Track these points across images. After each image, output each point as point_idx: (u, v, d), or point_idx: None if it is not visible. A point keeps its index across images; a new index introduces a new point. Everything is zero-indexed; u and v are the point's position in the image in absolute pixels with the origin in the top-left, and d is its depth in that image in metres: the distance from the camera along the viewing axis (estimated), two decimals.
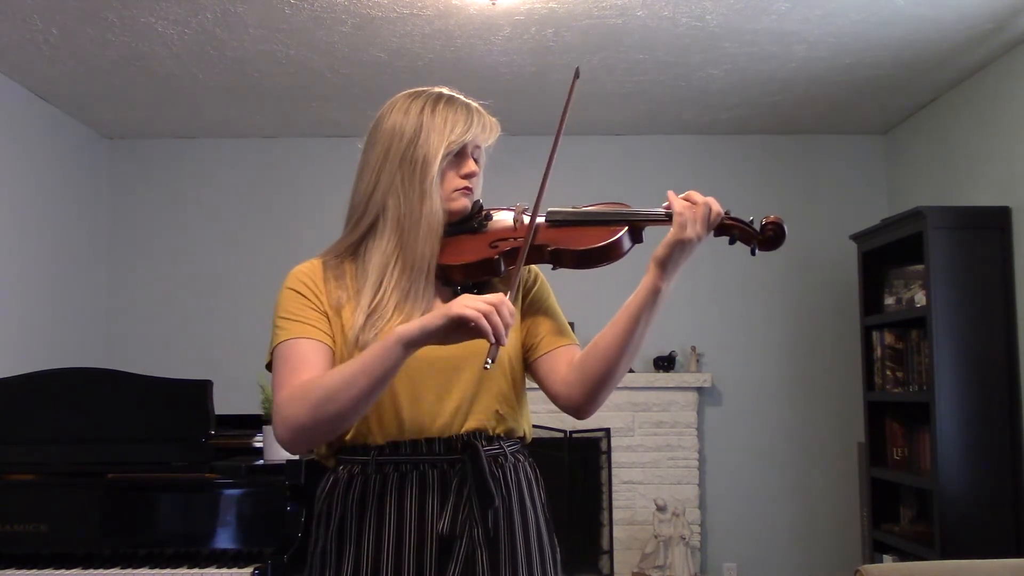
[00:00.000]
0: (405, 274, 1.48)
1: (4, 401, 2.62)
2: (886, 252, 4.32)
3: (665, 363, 4.93)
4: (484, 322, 1.29)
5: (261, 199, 5.13)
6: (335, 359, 1.46)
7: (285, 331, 1.47)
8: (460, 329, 1.32)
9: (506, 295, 1.35)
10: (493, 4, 3.41)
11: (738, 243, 1.50)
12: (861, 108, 4.71)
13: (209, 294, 5.06)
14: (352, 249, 1.54)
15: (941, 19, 3.59)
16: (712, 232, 1.47)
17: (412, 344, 1.34)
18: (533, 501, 1.54)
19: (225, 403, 2.91)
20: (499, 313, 1.30)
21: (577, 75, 1.56)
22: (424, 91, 1.57)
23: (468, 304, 1.31)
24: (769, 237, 1.47)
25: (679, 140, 5.15)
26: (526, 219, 1.52)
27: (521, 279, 1.60)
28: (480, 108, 1.57)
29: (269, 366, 1.49)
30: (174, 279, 5.08)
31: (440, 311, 1.33)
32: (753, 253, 1.49)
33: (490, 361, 1.30)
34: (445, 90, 1.58)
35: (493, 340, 1.30)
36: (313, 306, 1.48)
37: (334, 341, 1.47)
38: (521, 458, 1.56)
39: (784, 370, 5.05)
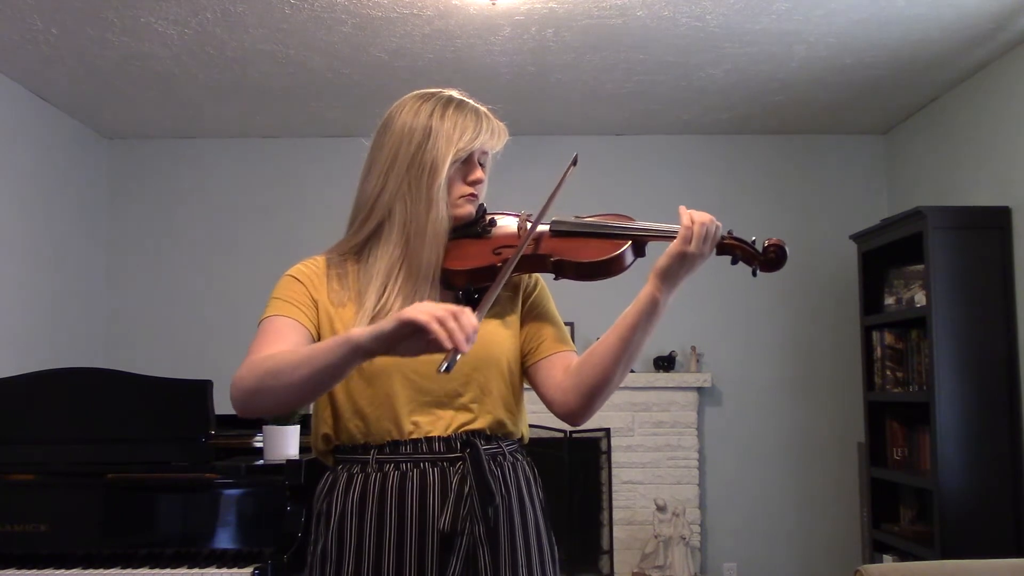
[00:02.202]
0: (410, 280, 1.48)
1: (4, 401, 2.62)
2: (886, 252, 4.32)
3: (665, 363, 4.93)
4: (436, 326, 1.20)
5: (261, 199, 5.13)
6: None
7: (272, 308, 1.49)
8: (413, 336, 1.23)
9: (476, 311, 1.28)
10: (493, 4, 3.41)
11: (740, 263, 1.51)
12: (861, 108, 4.71)
13: (209, 294, 5.06)
14: (356, 250, 1.54)
15: (941, 19, 3.59)
16: (714, 251, 1.48)
17: (360, 349, 1.27)
18: (532, 500, 1.55)
19: (225, 403, 2.90)
20: (456, 319, 1.22)
21: (575, 162, 1.54)
22: (434, 94, 1.56)
23: (423, 308, 1.23)
24: (771, 259, 1.49)
25: (679, 140, 5.15)
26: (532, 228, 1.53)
27: (523, 283, 1.61)
28: (489, 113, 1.57)
29: None
30: (174, 279, 5.08)
31: (393, 315, 1.26)
32: (754, 274, 1.51)
33: (445, 365, 1.22)
34: (455, 93, 1.57)
35: (449, 346, 1.21)
36: (307, 293, 1.51)
37: (319, 330, 1.49)
38: (520, 457, 1.56)
39: (784, 370, 5.05)
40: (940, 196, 4.48)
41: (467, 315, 1.24)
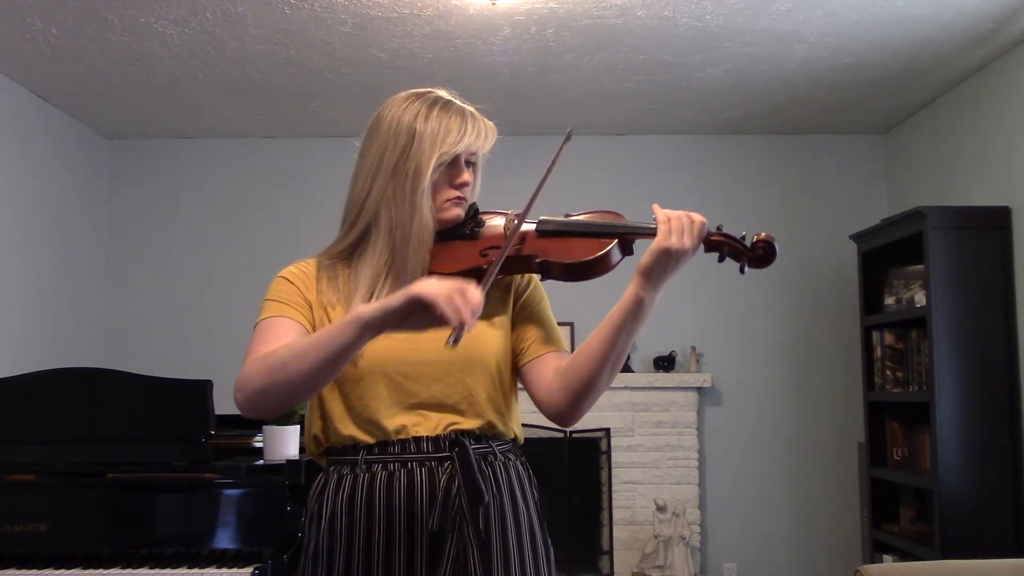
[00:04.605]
0: (397, 286, 1.47)
1: (4, 401, 2.62)
2: (886, 252, 4.32)
3: (665, 363, 4.93)
4: (442, 304, 1.24)
5: (261, 199, 5.13)
6: None
7: (267, 310, 1.50)
8: (420, 312, 1.26)
9: (480, 285, 1.31)
10: (493, 4, 3.41)
11: (728, 260, 1.47)
12: (861, 108, 4.71)
13: (209, 294, 5.06)
14: (346, 254, 1.55)
15: (941, 19, 3.59)
16: (702, 247, 1.44)
17: (369, 325, 1.30)
18: (525, 499, 1.54)
19: (225, 403, 2.90)
20: (463, 296, 1.25)
21: (568, 138, 1.53)
22: (420, 95, 1.55)
23: (429, 285, 1.26)
24: (759, 255, 1.45)
25: (679, 140, 5.15)
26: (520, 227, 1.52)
27: (514, 283, 1.60)
28: (476, 113, 1.55)
29: None
30: (174, 279, 5.08)
31: (401, 291, 1.29)
32: (742, 271, 1.46)
33: (452, 339, 1.26)
34: (443, 94, 1.56)
35: (455, 323, 1.24)
36: (300, 294, 1.51)
37: (315, 329, 1.49)
38: (512, 457, 1.55)
39: (784, 370, 5.05)
40: (940, 196, 4.48)
41: (472, 290, 1.27)
